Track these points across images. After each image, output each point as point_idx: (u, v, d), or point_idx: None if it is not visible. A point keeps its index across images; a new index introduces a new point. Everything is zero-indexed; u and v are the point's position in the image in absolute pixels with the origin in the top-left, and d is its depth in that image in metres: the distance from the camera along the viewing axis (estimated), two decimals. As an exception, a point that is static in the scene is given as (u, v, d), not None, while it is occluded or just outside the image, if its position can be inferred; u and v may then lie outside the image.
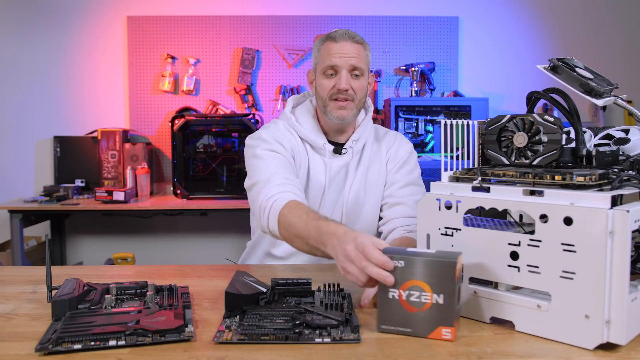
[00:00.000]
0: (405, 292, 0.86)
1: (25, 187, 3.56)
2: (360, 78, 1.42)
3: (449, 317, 0.84)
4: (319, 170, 1.48)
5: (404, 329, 0.87)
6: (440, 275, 0.84)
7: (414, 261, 0.85)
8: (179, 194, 3.20)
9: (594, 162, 0.92)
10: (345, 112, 1.41)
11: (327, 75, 1.41)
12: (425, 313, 0.85)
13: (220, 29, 3.54)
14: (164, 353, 0.80)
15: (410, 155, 1.54)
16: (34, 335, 0.87)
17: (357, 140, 1.49)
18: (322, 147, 1.47)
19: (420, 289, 0.85)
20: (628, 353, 0.79)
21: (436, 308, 0.84)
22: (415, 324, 0.86)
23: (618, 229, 0.76)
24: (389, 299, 0.87)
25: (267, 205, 1.25)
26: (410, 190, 1.48)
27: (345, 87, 1.39)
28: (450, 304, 0.84)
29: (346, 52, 1.39)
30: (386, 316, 0.88)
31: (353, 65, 1.39)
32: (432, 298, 0.84)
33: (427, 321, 0.85)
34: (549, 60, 0.99)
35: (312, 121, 1.49)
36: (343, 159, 1.49)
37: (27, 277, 1.25)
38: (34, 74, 3.53)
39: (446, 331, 0.84)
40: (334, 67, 1.40)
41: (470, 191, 0.93)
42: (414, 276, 0.85)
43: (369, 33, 3.56)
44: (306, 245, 1.14)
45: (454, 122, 0.99)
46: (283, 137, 1.45)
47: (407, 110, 3.35)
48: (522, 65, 3.62)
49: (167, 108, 3.56)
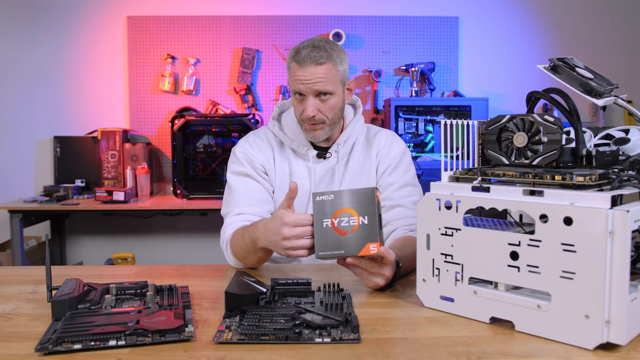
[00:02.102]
0: (337, 219, 1.02)
1: (25, 187, 3.56)
2: (330, 98, 1.38)
3: (374, 234, 0.99)
4: (302, 176, 1.47)
5: (337, 252, 1.02)
6: (363, 200, 1.01)
7: (342, 193, 1.03)
8: (179, 194, 3.20)
9: (594, 162, 0.92)
10: (317, 133, 1.42)
11: (297, 99, 1.40)
12: (355, 234, 1.01)
13: (220, 29, 3.54)
14: (164, 353, 0.80)
15: (403, 155, 1.51)
16: (34, 335, 0.86)
17: (343, 142, 1.48)
18: (305, 152, 1.47)
19: (348, 215, 1.01)
20: (628, 353, 0.79)
21: (363, 228, 1.00)
22: (346, 245, 1.01)
23: (618, 229, 0.76)
24: (324, 228, 1.03)
25: (223, 246, 1.39)
26: (407, 192, 1.47)
27: (311, 114, 1.37)
28: (373, 222, 1.00)
29: (310, 78, 1.34)
30: (322, 244, 1.02)
31: (318, 91, 1.36)
32: (358, 220, 1.01)
33: (356, 240, 1.00)
34: (549, 60, 0.99)
35: (296, 127, 1.48)
36: (328, 163, 1.48)
37: (27, 277, 1.25)
38: (34, 74, 3.53)
39: (373, 246, 0.99)
40: (300, 92, 1.38)
41: (470, 191, 0.93)
42: (342, 205, 1.02)
43: (369, 33, 3.56)
44: (253, 255, 1.27)
45: (454, 122, 0.99)
46: (256, 153, 1.47)
47: (407, 110, 3.35)
48: (522, 65, 3.62)
49: (167, 108, 3.56)
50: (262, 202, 1.43)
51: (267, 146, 1.49)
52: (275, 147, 1.50)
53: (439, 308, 0.98)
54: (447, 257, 0.95)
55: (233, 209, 1.42)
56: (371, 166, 1.50)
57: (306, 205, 1.48)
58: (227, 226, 1.40)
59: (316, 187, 1.47)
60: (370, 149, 1.52)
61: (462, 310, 0.94)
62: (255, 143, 1.50)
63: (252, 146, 1.49)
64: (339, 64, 1.38)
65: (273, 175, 1.48)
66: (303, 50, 1.36)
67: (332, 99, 1.39)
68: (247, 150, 1.48)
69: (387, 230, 1.45)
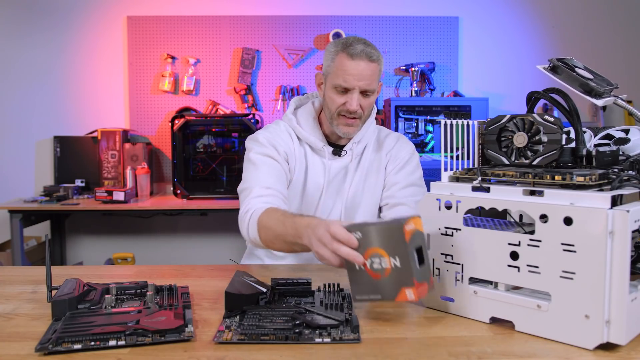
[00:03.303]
0: (369, 260, 0.90)
1: (25, 187, 3.56)
2: (370, 96, 1.41)
3: (409, 278, 0.87)
4: (317, 172, 1.49)
5: (374, 297, 0.91)
6: (392, 239, 0.88)
7: (369, 230, 0.90)
8: (179, 194, 3.20)
9: (594, 162, 0.92)
10: (352, 129, 1.43)
11: (338, 91, 1.39)
12: (389, 278, 0.89)
13: (220, 29, 3.54)
14: (164, 353, 0.80)
15: (412, 156, 1.54)
16: (34, 335, 0.86)
17: (358, 142, 1.50)
18: (321, 148, 1.48)
19: (379, 256, 0.89)
20: (628, 353, 0.79)
21: (396, 271, 0.88)
22: (382, 290, 0.90)
23: (618, 229, 0.76)
24: (357, 270, 0.92)
25: (245, 217, 1.32)
26: (411, 191, 1.48)
27: (355, 109, 1.38)
28: (406, 265, 0.87)
29: (361, 74, 1.35)
30: (358, 287, 0.93)
31: (365, 89, 1.37)
32: (390, 262, 0.88)
33: (391, 285, 0.89)
34: (549, 61, 0.99)
35: (313, 123, 1.50)
36: (342, 161, 1.50)
37: (27, 277, 1.25)
38: (34, 74, 3.53)
39: (409, 292, 0.87)
40: (346, 87, 1.37)
41: (470, 191, 0.93)
42: (371, 244, 0.90)
43: (369, 33, 3.56)
44: (285, 243, 1.20)
45: (454, 122, 0.99)
46: (279, 140, 1.47)
47: (407, 110, 3.35)
48: (522, 65, 3.62)
49: (167, 108, 3.56)
50: (285, 184, 1.43)
51: (288, 137, 1.50)
52: (295, 139, 1.50)
53: (439, 308, 0.98)
54: (447, 257, 0.95)
55: (258, 183, 1.37)
56: (380, 165, 1.52)
57: (318, 200, 1.48)
58: (254, 198, 1.34)
59: (329, 184, 1.49)
60: (381, 149, 1.54)
61: (462, 310, 0.94)
62: (277, 132, 1.50)
63: (273, 134, 1.49)
64: (382, 64, 1.42)
65: (293, 165, 1.48)
66: (357, 45, 1.35)
67: (372, 97, 1.42)
68: (270, 137, 1.47)
69: None
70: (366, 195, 1.51)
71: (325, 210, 1.49)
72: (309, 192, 1.48)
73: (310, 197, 1.49)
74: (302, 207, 1.50)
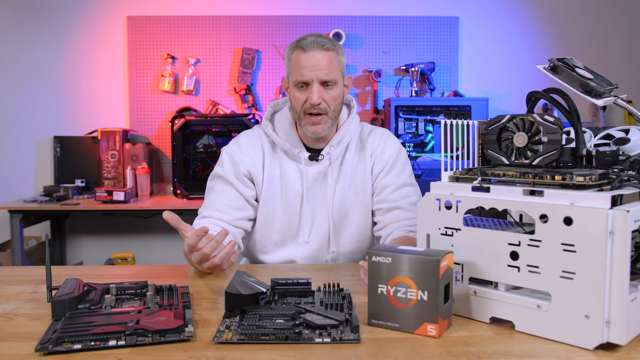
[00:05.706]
0: (393, 287, 0.88)
1: (25, 187, 3.56)
2: (333, 87, 1.38)
3: (434, 314, 0.85)
4: (294, 179, 1.45)
5: (392, 324, 0.89)
6: (424, 272, 0.85)
7: (400, 258, 0.87)
8: (179, 194, 3.20)
9: (594, 162, 0.92)
10: (319, 127, 1.40)
11: (299, 88, 1.38)
12: (411, 309, 0.87)
13: (220, 29, 3.54)
14: (164, 353, 0.80)
15: (398, 154, 1.49)
16: (34, 335, 0.87)
17: (337, 144, 1.46)
18: (297, 155, 1.45)
19: (406, 285, 0.87)
20: (628, 353, 0.79)
21: (421, 304, 0.86)
22: (402, 319, 0.88)
23: (618, 229, 0.76)
24: (378, 294, 0.90)
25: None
26: (404, 192, 1.45)
27: (317, 101, 1.36)
28: (434, 301, 0.85)
29: (316, 64, 1.34)
30: (376, 310, 0.90)
31: (323, 79, 1.36)
32: (417, 294, 0.86)
33: (413, 317, 0.87)
34: (549, 61, 0.99)
35: (289, 128, 1.47)
36: (320, 166, 1.46)
37: (27, 277, 1.25)
38: (34, 74, 3.53)
39: (431, 327, 0.86)
40: (304, 81, 1.36)
41: (470, 191, 0.93)
42: (400, 273, 0.87)
43: (369, 33, 3.56)
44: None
45: (454, 122, 0.99)
46: (244, 156, 1.46)
47: (407, 110, 3.35)
48: (522, 65, 3.62)
49: (167, 108, 3.56)
50: (233, 209, 1.43)
51: (258, 147, 1.48)
52: (267, 148, 1.48)
53: (439, 308, 0.98)
54: (447, 257, 0.95)
55: (203, 211, 1.45)
56: (366, 167, 1.48)
57: (299, 208, 1.46)
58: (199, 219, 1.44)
59: (308, 190, 1.45)
60: (364, 149, 1.49)
61: (462, 310, 0.94)
62: (245, 145, 1.48)
63: (241, 148, 1.47)
64: (341, 55, 1.41)
65: (260, 179, 1.46)
66: (308, 37, 1.37)
67: (335, 89, 1.39)
68: (235, 153, 1.47)
69: (385, 233, 1.44)
70: (356, 200, 1.47)
71: (308, 217, 1.45)
72: (288, 200, 1.45)
73: (290, 205, 1.46)
74: (284, 216, 1.46)
